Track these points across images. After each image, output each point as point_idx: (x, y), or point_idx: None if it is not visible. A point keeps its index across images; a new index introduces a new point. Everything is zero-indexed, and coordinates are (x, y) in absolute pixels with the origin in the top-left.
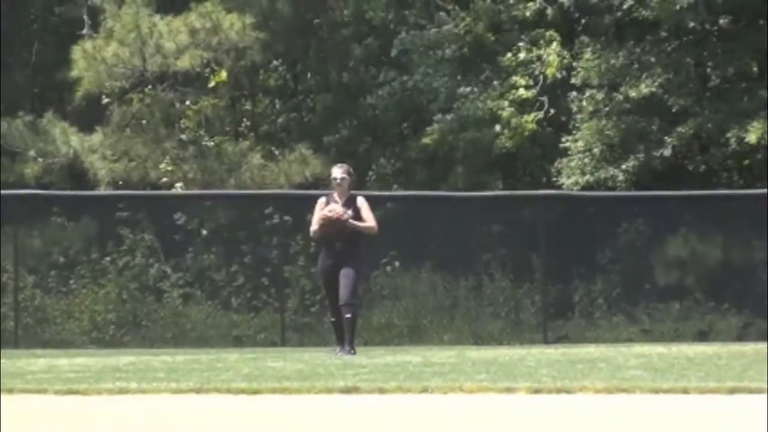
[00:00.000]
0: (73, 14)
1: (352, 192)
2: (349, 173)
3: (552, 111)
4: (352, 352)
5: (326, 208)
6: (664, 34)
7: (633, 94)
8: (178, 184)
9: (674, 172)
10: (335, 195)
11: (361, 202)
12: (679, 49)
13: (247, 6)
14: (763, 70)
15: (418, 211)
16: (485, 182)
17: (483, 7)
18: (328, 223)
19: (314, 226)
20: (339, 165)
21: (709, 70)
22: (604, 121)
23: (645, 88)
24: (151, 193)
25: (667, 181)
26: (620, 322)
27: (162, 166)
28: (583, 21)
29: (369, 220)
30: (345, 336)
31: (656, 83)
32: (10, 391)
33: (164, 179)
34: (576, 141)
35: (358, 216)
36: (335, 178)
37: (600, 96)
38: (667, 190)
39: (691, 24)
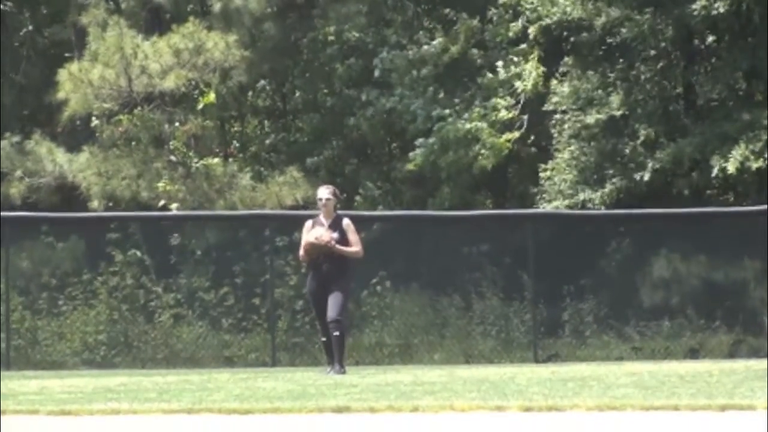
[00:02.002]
0: (62, 36)
1: (339, 213)
2: (335, 194)
3: (530, 128)
4: (342, 371)
5: (311, 233)
6: (651, 53)
7: (599, 117)
8: (174, 205)
9: (657, 194)
10: (321, 216)
11: (347, 225)
12: (661, 70)
13: (231, 25)
14: (750, 93)
15: (408, 230)
16: (472, 201)
17: (465, 26)
18: (314, 248)
19: (302, 251)
20: (325, 186)
21: (696, 89)
22: (582, 145)
23: (616, 110)
24: (141, 214)
25: (650, 204)
26: (611, 340)
27: (161, 184)
28: (567, 42)
29: (354, 243)
30: (334, 355)
31: (629, 105)
32: (3, 412)
33: (163, 201)
34: (553, 168)
35: (344, 238)
36: (320, 199)
37: (578, 119)
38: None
39: (663, 44)
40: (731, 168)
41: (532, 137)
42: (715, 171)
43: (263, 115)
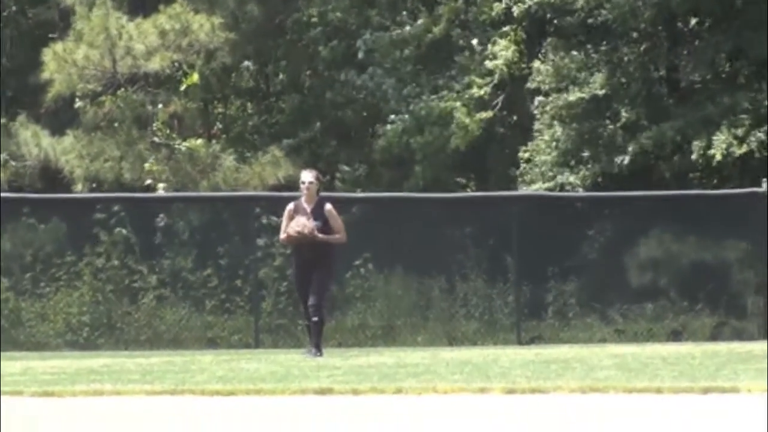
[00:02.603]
0: (45, 17)
1: (321, 196)
2: (317, 178)
3: (511, 112)
4: (319, 354)
5: (294, 223)
6: (633, 35)
7: (582, 95)
8: (161, 185)
9: (638, 177)
10: (303, 200)
11: (329, 211)
12: (644, 52)
13: (216, 7)
14: (732, 74)
15: (390, 212)
16: (448, 182)
17: (448, 7)
18: (297, 239)
19: (283, 234)
20: (309, 169)
21: (676, 75)
22: (563, 127)
23: (596, 90)
24: (124, 195)
25: (631, 186)
26: (594, 322)
27: (147, 165)
28: (549, 23)
29: (338, 230)
30: (312, 339)
31: (611, 86)
32: None
33: (149, 181)
34: (534, 148)
35: (326, 224)
36: (303, 182)
37: (560, 100)
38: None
39: (648, 28)
40: (718, 155)
41: (514, 118)
42: (695, 156)
43: (246, 96)
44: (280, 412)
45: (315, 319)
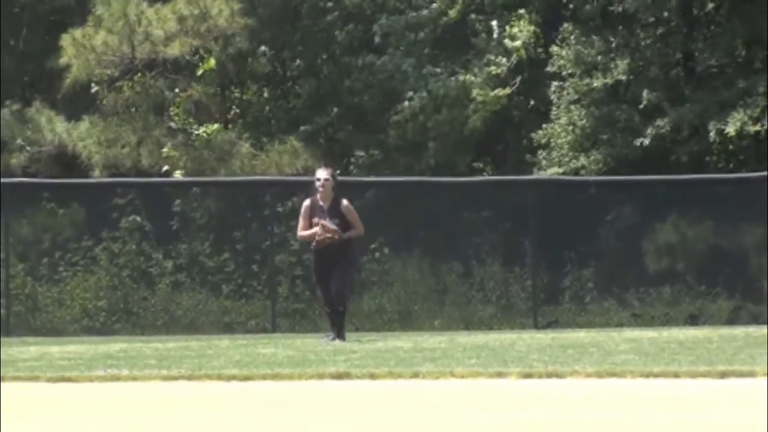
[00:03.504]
0: (63, 2)
1: (337, 193)
2: (333, 175)
3: (524, 95)
4: (341, 339)
5: (317, 229)
6: (651, 19)
7: (606, 81)
8: (178, 172)
9: (654, 162)
10: (319, 197)
11: (346, 208)
12: (661, 37)
13: None
14: (748, 59)
15: (406, 196)
16: (462, 165)
17: None
18: (324, 242)
19: (301, 232)
20: (324, 167)
21: (696, 55)
22: (582, 111)
23: (619, 76)
24: (142, 180)
25: (647, 171)
26: (611, 306)
27: (165, 150)
28: (567, 8)
29: (356, 225)
30: (335, 326)
31: (630, 71)
32: (3, 378)
33: (166, 167)
34: (552, 130)
35: (343, 220)
36: (318, 179)
37: (579, 85)
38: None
39: (665, 14)
40: (731, 130)
41: (531, 102)
42: (712, 135)
43: (263, 81)
44: (297, 397)
45: (341, 308)
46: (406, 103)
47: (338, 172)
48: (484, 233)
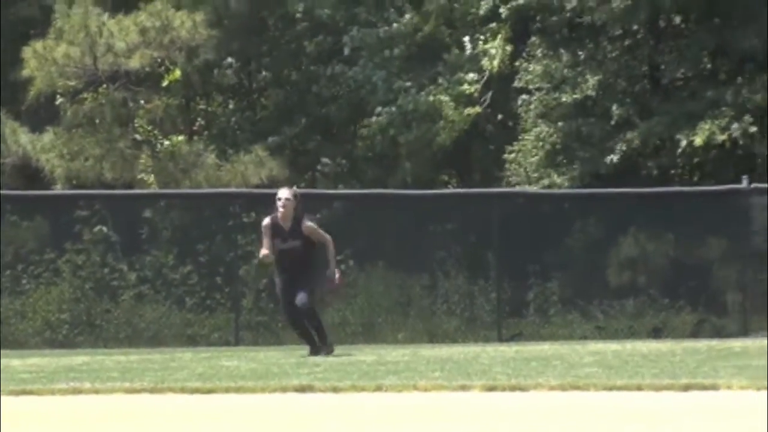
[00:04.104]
0: (26, 14)
1: (299, 212)
2: (295, 195)
3: (497, 110)
4: (328, 351)
5: (326, 285)
6: (618, 32)
7: (568, 99)
8: (151, 177)
9: (625, 176)
10: (279, 217)
11: (308, 228)
12: (629, 49)
13: (198, 3)
14: (714, 71)
15: (371, 208)
16: (433, 180)
17: (437, 6)
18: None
19: (264, 251)
20: (287, 187)
21: (662, 68)
22: (549, 126)
23: (587, 90)
24: (105, 192)
25: (616, 185)
26: (575, 319)
27: (141, 161)
28: (534, 22)
29: (323, 240)
30: (319, 339)
31: (599, 85)
32: None
33: (141, 175)
34: (519, 149)
35: (308, 242)
36: (279, 199)
37: (547, 99)
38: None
39: (635, 27)
40: (699, 140)
41: (499, 117)
42: (683, 145)
43: (228, 93)
44: (260, 410)
45: (314, 322)
46: (374, 118)
47: (302, 186)
48: (449, 246)
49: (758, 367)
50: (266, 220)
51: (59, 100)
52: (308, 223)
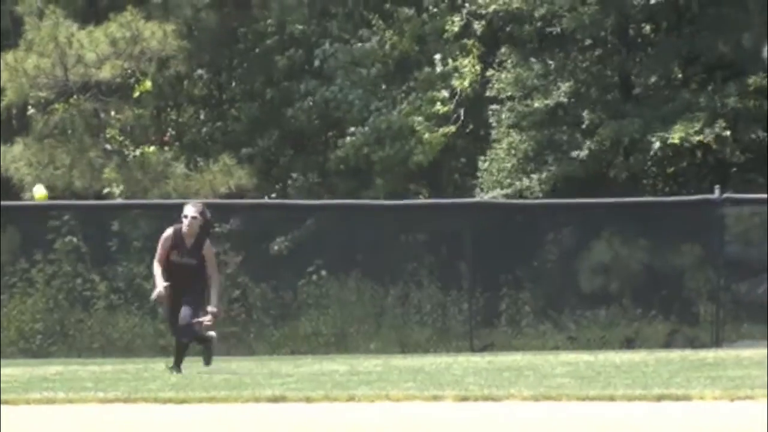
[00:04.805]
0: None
1: (202, 232)
2: (202, 213)
3: (469, 124)
4: (176, 370)
5: (207, 318)
6: (587, 42)
7: (541, 104)
8: (118, 190)
9: (596, 180)
10: (184, 231)
11: (208, 249)
12: (600, 58)
13: (169, 15)
14: (686, 79)
15: (344, 219)
16: (406, 192)
17: (407, 19)
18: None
19: (158, 290)
20: (194, 203)
21: (633, 77)
22: (522, 134)
23: (558, 98)
24: (77, 203)
25: (588, 191)
26: (547, 329)
27: (106, 172)
28: (505, 32)
29: (213, 271)
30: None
31: (570, 92)
32: None
33: (107, 189)
34: (492, 157)
35: (201, 261)
36: (186, 216)
37: (518, 107)
38: (590, 198)
39: (606, 34)
40: (675, 138)
41: (470, 127)
42: (656, 146)
43: (199, 104)
44: (233, 421)
45: (185, 341)
46: (348, 138)
47: (272, 197)
48: (421, 256)
49: (731, 378)
50: (168, 231)
51: (30, 111)
52: (208, 244)
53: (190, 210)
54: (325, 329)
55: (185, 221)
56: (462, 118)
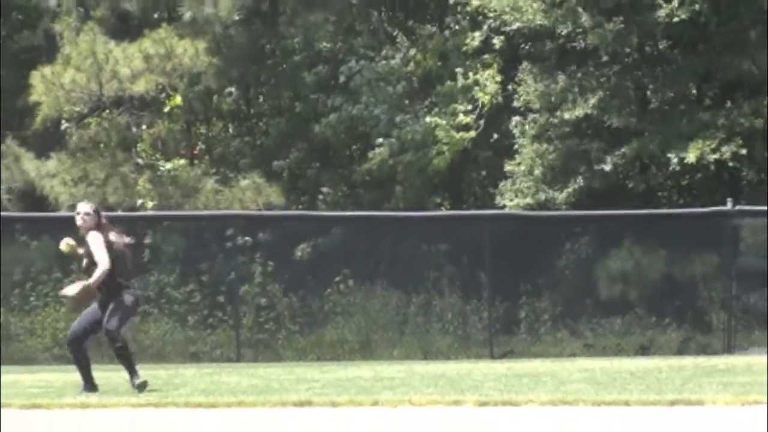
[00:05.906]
0: (32, 42)
1: (93, 226)
2: (95, 210)
3: (491, 133)
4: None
5: (72, 290)
6: (604, 58)
7: (570, 116)
8: (150, 204)
9: (615, 192)
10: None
11: (90, 238)
12: (619, 74)
13: (200, 32)
14: (700, 97)
15: (370, 230)
16: (428, 203)
17: (429, 36)
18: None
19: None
20: (87, 201)
21: (649, 93)
22: (545, 145)
23: (583, 110)
24: (110, 214)
25: (607, 202)
26: (564, 337)
27: (140, 185)
28: (526, 48)
29: (98, 259)
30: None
31: (594, 105)
32: None
33: (140, 201)
34: (518, 164)
35: (89, 252)
36: (78, 213)
37: (542, 120)
38: (608, 209)
39: (627, 50)
40: (692, 157)
41: (495, 136)
42: (674, 163)
43: (228, 118)
44: (260, 424)
45: (118, 345)
46: (377, 150)
47: (299, 208)
48: (443, 266)
49: (742, 384)
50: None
51: (64, 125)
52: (95, 236)
53: (83, 207)
54: (350, 336)
55: (77, 216)
56: (482, 127)
